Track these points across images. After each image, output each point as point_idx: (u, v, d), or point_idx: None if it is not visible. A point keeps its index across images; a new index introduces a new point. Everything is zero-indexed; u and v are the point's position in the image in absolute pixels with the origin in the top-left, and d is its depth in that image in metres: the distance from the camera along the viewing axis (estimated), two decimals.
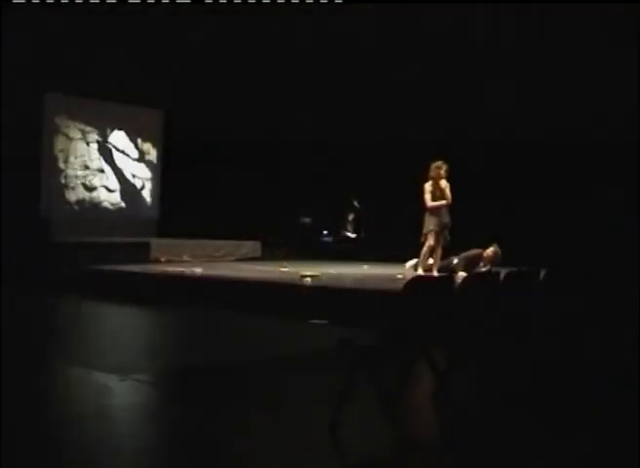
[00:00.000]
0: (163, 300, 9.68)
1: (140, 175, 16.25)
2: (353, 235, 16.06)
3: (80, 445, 3.91)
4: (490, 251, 10.32)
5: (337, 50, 13.54)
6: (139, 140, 16.23)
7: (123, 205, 15.90)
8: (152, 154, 16.46)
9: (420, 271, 9.88)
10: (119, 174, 15.86)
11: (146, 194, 16.33)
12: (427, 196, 9.97)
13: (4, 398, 4.49)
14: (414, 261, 10.37)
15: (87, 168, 15.26)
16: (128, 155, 16.04)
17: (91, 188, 15.33)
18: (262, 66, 14.36)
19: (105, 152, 15.60)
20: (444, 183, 9.99)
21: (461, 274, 8.48)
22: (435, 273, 9.75)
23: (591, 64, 11.82)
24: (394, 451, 4.05)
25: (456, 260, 10.35)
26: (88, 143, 15.31)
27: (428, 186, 10.00)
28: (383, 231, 14.16)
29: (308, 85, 14.27)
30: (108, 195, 15.64)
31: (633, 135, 11.44)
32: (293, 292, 9.22)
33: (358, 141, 14.35)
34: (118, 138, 15.88)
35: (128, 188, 15.97)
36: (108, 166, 15.66)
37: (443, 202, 9.96)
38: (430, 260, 10.16)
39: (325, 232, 16.39)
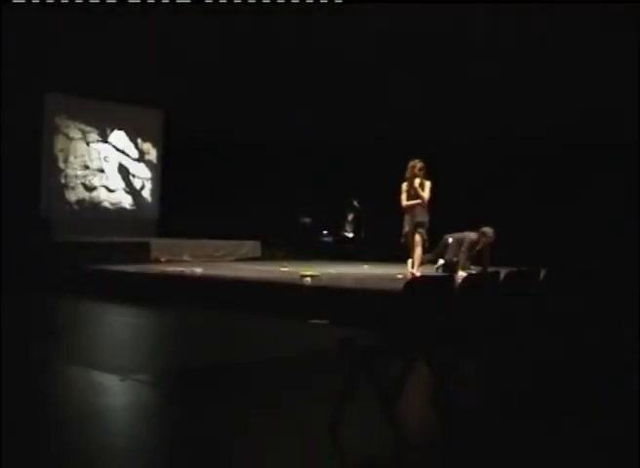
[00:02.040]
0: (163, 300, 9.67)
1: (141, 176, 16.25)
2: (353, 235, 16.04)
3: (80, 445, 3.91)
4: (482, 233, 10.39)
5: (337, 50, 13.52)
6: (139, 140, 16.23)
7: (123, 205, 15.90)
8: (152, 154, 16.46)
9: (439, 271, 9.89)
10: (119, 173, 15.86)
11: (146, 194, 16.33)
12: (403, 196, 9.98)
13: (4, 398, 4.49)
14: (440, 263, 10.41)
15: (87, 168, 15.26)
16: (128, 155, 16.03)
17: (91, 188, 15.33)
18: (262, 66, 14.35)
19: (106, 152, 15.60)
20: (418, 182, 9.94)
21: (461, 274, 8.49)
22: (417, 272, 9.67)
23: (591, 64, 11.81)
24: (394, 451, 4.05)
25: (450, 240, 10.43)
26: (88, 143, 15.31)
27: (405, 186, 10.00)
28: (383, 231, 14.14)
29: (309, 85, 14.25)
30: (108, 195, 15.64)
31: (633, 135, 11.43)
32: (293, 292, 9.23)
33: (358, 141, 14.33)
34: (118, 138, 15.88)
35: (128, 188, 15.97)
36: (108, 166, 15.66)
37: (417, 201, 9.93)
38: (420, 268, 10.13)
39: (325, 232, 16.37)
